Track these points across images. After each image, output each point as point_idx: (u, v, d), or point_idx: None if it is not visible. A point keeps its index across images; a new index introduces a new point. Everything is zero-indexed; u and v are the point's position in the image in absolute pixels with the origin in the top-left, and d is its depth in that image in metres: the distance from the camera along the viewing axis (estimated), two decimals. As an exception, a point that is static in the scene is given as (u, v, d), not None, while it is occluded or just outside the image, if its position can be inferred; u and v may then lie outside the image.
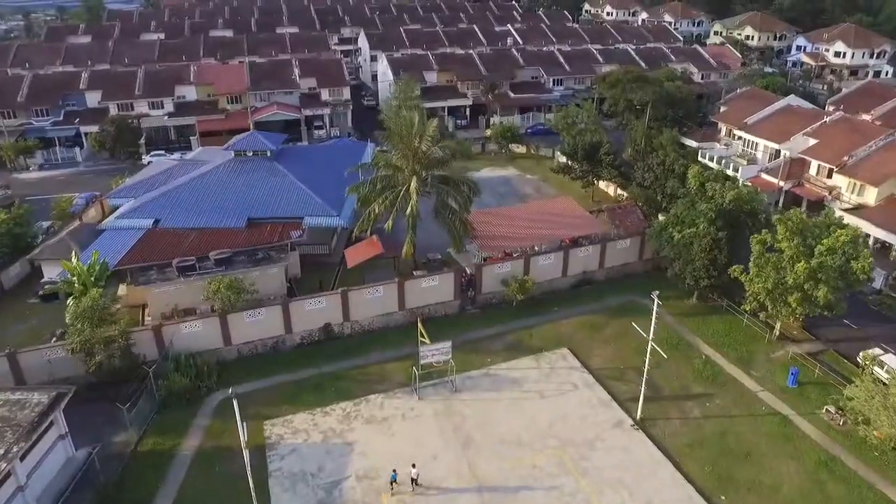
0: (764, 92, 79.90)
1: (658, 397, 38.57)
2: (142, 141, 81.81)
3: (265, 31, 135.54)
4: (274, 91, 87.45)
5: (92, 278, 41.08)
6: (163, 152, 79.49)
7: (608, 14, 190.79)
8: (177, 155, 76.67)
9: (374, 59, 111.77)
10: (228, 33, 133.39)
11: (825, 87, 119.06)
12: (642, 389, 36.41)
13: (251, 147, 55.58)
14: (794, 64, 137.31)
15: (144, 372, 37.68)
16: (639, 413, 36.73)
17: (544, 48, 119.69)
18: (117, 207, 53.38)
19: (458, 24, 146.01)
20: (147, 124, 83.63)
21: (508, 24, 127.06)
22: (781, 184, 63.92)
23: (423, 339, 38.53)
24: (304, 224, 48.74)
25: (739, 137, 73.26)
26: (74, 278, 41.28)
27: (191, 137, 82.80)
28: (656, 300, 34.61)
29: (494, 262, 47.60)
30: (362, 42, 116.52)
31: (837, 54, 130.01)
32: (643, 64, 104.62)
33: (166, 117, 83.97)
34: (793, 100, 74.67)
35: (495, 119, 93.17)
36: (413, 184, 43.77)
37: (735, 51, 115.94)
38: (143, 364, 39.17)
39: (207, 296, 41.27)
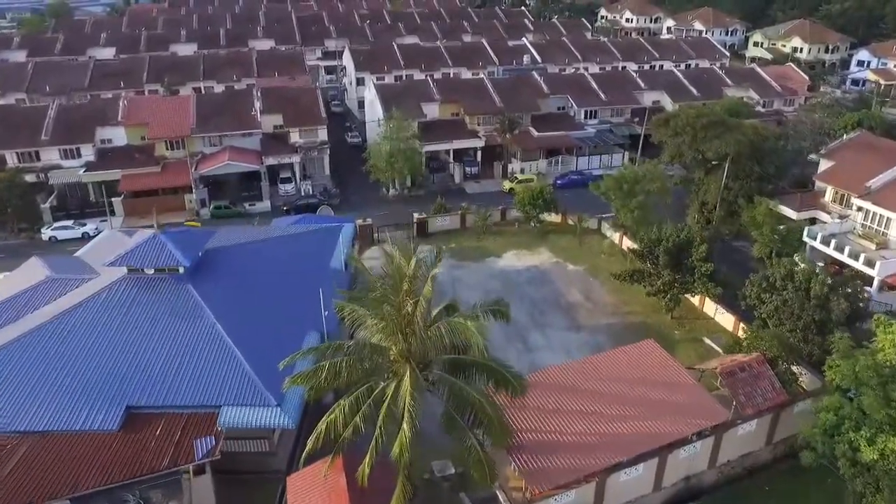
0: (882, 140, 59.55)
1: None
2: (47, 204, 61.43)
3: (236, 43, 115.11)
4: (227, 133, 67.01)
5: None
6: (71, 223, 59.18)
7: (627, 21, 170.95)
8: (96, 226, 56.55)
9: (360, 82, 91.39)
10: (192, 48, 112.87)
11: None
12: None
13: (153, 262, 35.18)
14: (856, 82, 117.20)
15: None
16: None
17: (569, 66, 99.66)
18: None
19: (461, 35, 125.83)
20: (57, 179, 63.20)
21: (524, 38, 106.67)
22: (948, 292, 43.84)
23: None
24: (221, 424, 28.42)
25: (859, 208, 53.04)
26: None
27: (113, 199, 62.41)
28: None
29: (548, 493, 27.45)
30: (347, 60, 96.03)
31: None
32: (694, 90, 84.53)
33: (83, 170, 63.39)
34: (932, 155, 54.45)
35: (515, 165, 72.85)
36: (406, 383, 23.41)
37: (799, 70, 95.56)
38: None
39: None
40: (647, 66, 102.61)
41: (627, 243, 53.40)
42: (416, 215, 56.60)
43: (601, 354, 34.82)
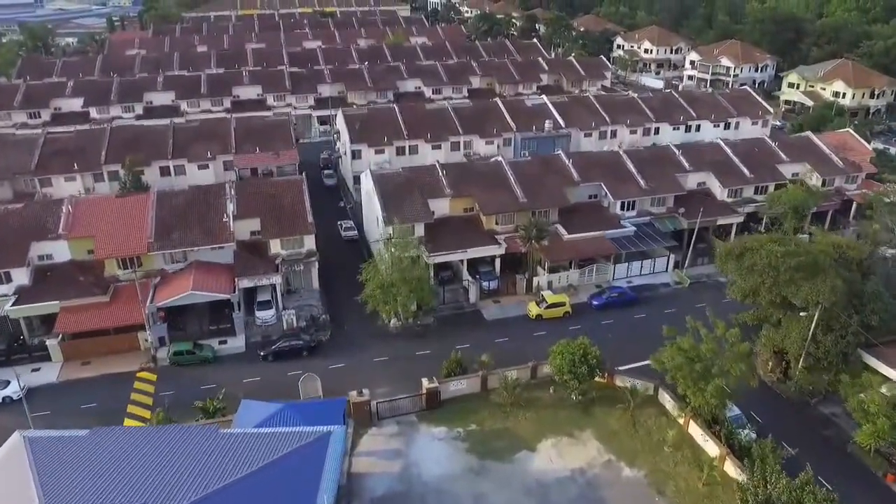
0: None
1: None
2: (-37, 350, 49.50)
3: (219, 91, 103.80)
4: (192, 249, 54.97)
5: None
6: (-9, 381, 47.14)
7: (647, 51, 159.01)
8: (24, 384, 44.58)
9: (356, 154, 79.31)
10: (169, 97, 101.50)
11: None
12: None
13: None
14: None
15: None
16: None
17: (595, 131, 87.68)
18: None
19: (469, 78, 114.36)
20: (-20, 313, 51.19)
21: (544, 96, 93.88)
22: None
23: None
24: None
25: None
26: None
27: (48, 341, 50.39)
28: None
29: None
30: (342, 126, 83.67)
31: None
32: (745, 170, 72.19)
33: (11, 302, 51.25)
34: None
35: (542, 279, 60.77)
36: None
37: (860, 138, 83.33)
38: None
39: None
40: (683, 128, 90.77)
41: (696, 430, 41.44)
42: (425, 382, 44.41)
43: None
